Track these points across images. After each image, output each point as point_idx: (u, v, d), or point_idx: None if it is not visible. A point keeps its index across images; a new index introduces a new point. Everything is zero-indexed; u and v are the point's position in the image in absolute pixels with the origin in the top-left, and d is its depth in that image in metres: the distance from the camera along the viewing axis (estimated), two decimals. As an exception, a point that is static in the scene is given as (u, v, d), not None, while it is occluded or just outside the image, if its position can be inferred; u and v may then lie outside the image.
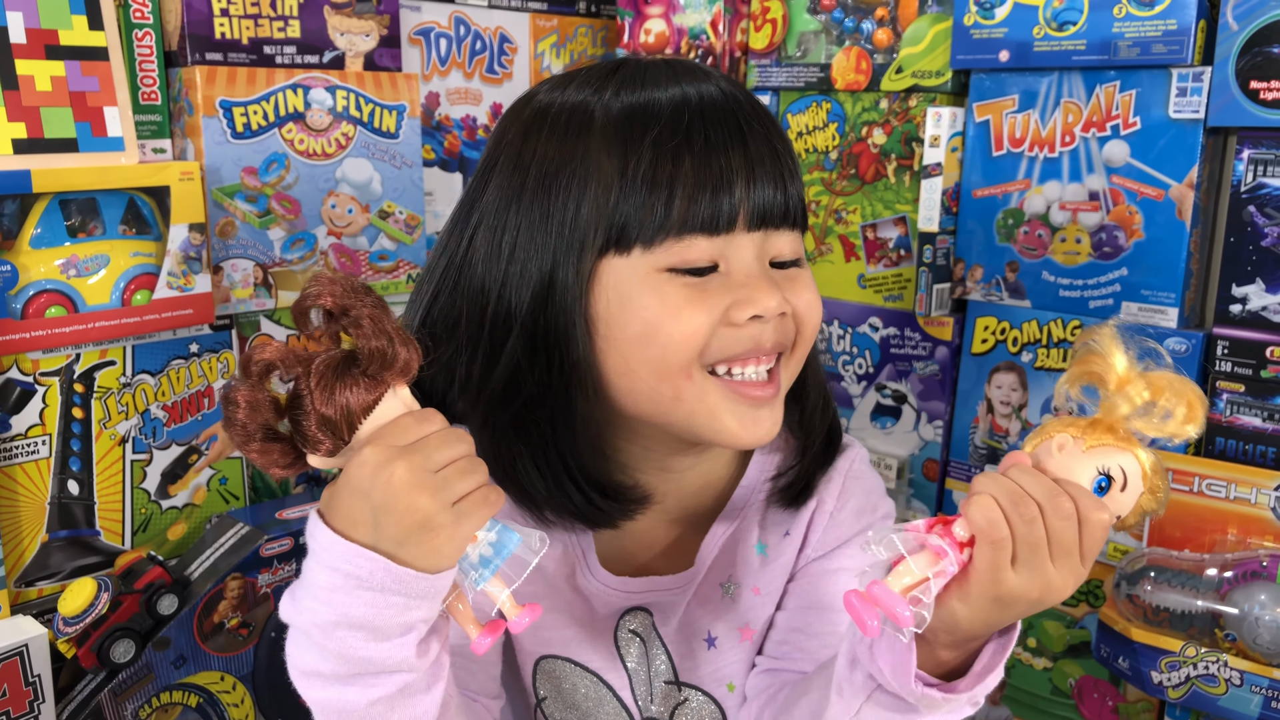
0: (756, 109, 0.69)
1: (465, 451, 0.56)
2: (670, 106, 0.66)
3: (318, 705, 0.58)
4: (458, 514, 0.54)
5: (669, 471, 0.76)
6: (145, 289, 1.07)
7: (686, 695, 0.79)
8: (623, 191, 0.65)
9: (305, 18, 1.18)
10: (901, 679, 0.59)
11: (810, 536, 0.79)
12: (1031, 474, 0.58)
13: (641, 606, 0.78)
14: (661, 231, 0.65)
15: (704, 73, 0.69)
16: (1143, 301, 1.11)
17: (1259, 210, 1.03)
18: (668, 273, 0.66)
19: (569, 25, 1.48)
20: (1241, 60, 1.01)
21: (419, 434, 0.55)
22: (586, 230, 0.66)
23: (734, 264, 0.67)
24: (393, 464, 0.53)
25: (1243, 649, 1.01)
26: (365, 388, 0.55)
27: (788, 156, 0.69)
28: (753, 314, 0.66)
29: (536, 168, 0.68)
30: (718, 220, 0.65)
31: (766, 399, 0.68)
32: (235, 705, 1.08)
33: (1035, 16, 1.13)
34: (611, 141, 0.66)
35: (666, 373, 0.66)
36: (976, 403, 1.24)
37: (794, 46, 1.35)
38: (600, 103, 0.67)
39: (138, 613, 1.00)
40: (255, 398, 0.55)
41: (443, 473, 0.54)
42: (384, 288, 1.28)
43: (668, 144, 0.65)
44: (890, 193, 1.29)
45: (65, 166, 1.01)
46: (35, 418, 1.02)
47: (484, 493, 0.55)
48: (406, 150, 1.27)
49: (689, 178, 0.65)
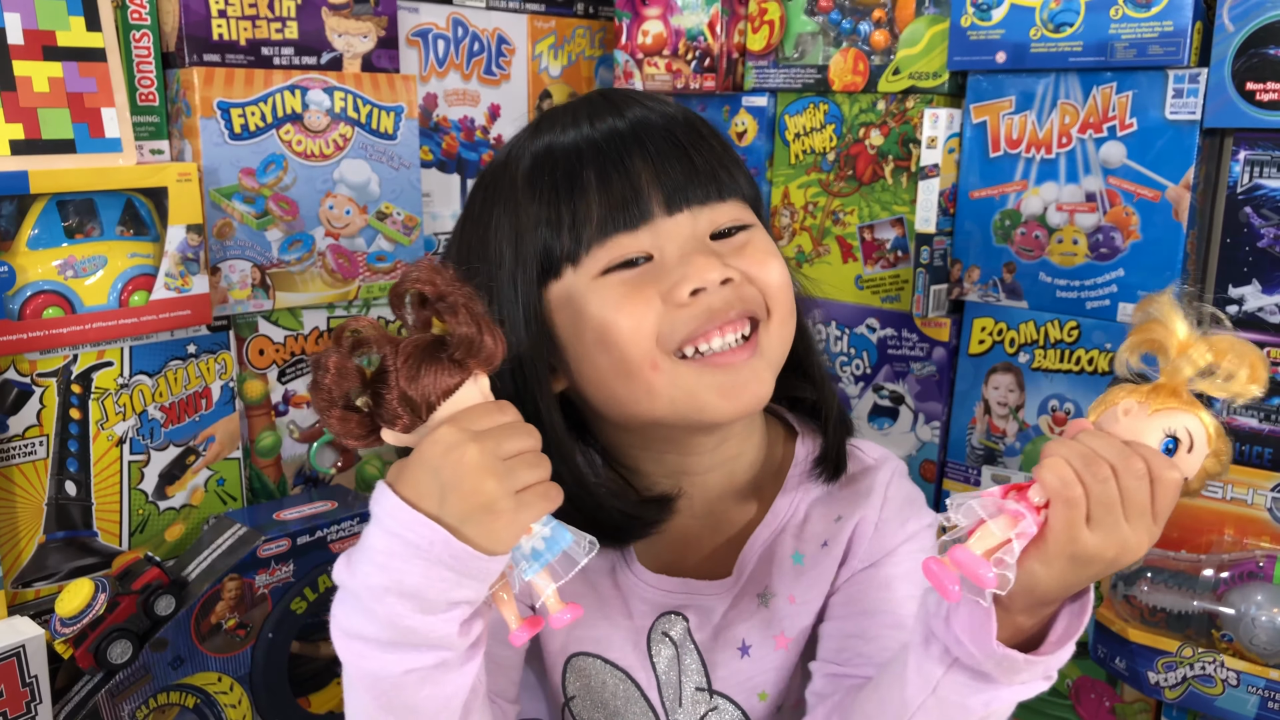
0: (670, 120, 0.72)
1: (533, 445, 0.57)
2: (568, 145, 0.70)
3: (354, 668, 0.59)
4: (519, 502, 0.55)
5: (690, 474, 0.77)
6: (143, 290, 1.07)
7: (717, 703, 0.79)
8: (537, 229, 0.69)
9: (303, 19, 1.18)
10: (982, 644, 0.59)
11: (854, 548, 0.79)
12: (1101, 436, 0.58)
13: (678, 611, 0.78)
14: (583, 244, 0.68)
15: (617, 105, 0.72)
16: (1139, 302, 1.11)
17: (1255, 211, 1.03)
18: (604, 275, 0.68)
19: (566, 27, 1.48)
20: (1238, 62, 1.02)
21: (493, 422, 0.57)
22: (514, 271, 0.70)
23: (667, 248, 0.68)
24: (465, 445, 0.55)
25: (1239, 649, 1.01)
26: (449, 372, 0.57)
27: (701, 145, 0.71)
28: (692, 288, 0.67)
29: (474, 233, 0.74)
30: (631, 215, 0.68)
31: (740, 361, 0.69)
32: (232, 706, 1.08)
33: (1032, 18, 1.13)
34: (522, 191, 0.70)
35: (630, 370, 0.68)
36: (974, 403, 1.25)
37: (791, 48, 1.35)
38: (514, 157, 0.73)
39: (135, 613, 1.00)
40: (344, 365, 0.57)
41: (510, 461, 0.56)
42: (381, 289, 1.28)
43: (565, 175, 0.69)
44: (887, 194, 1.29)
45: (63, 167, 1.01)
46: (33, 418, 1.02)
47: (545, 487, 0.57)
48: (404, 151, 1.27)
49: (591, 193, 0.68)
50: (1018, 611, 0.59)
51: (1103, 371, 1.14)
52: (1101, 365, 1.14)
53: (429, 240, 1.35)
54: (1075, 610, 0.60)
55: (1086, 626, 0.61)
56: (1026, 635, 0.61)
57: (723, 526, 0.79)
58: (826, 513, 0.80)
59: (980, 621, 0.58)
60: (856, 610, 0.77)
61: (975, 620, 0.59)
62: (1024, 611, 0.59)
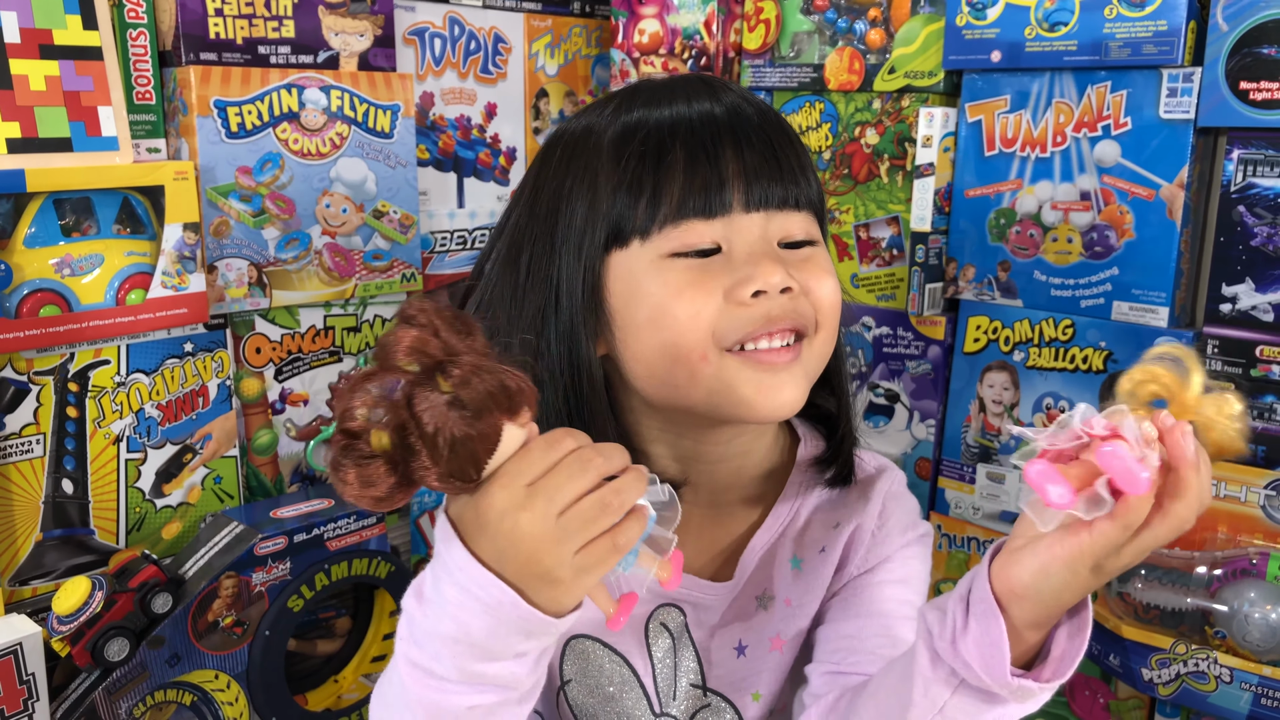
0: (764, 116, 0.72)
1: (590, 481, 0.53)
2: (662, 120, 0.70)
3: (415, 695, 0.57)
4: (578, 569, 0.53)
5: (700, 462, 0.77)
6: (139, 288, 1.07)
7: (710, 701, 0.80)
8: (615, 194, 0.69)
9: (299, 18, 1.18)
10: (996, 671, 0.58)
11: (851, 554, 0.79)
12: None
13: (676, 603, 0.78)
14: (657, 221, 0.68)
15: (715, 90, 0.72)
16: (1134, 301, 1.12)
17: (1249, 210, 1.03)
18: (671, 258, 0.68)
19: (563, 25, 1.48)
20: (1231, 61, 1.02)
21: (545, 464, 0.53)
22: (584, 233, 0.70)
23: (736, 244, 0.69)
24: (517, 512, 0.52)
25: (1232, 646, 1.01)
26: (481, 438, 0.51)
27: (789, 148, 0.71)
28: (755, 289, 0.67)
29: (548, 189, 0.73)
30: (710, 203, 0.68)
31: (784, 364, 0.69)
32: (229, 704, 1.08)
33: (1027, 17, 1.14)
34: (606, 156, 0.70)
35: (679, 356, 0.68)
36: (969, 402, 1.25)
37: (787, 47, 1.35)
38: (601, 124, 0.72)
39: (132, 611, 1.00)
40: (367, 473, 0.51)
41: (566, 518, 0.52)
42: (378, 287, 1.29)
43: (654, 149, 0.69)
44: (883, 193, 1.29)
45: (59, 166, 1.01)
46: (29, 417, 1.02)
47: (610, 540, 0.53)
48: (401, 150, 1.27)
49: (678, 171, 0.68)
50: (1027, 626, 0.58)
51: (1097, 370, 1.14)
52: (1096, 364, 1.14)
53: (425, 239, 1.36)
54: (1076, 625, 0.59)
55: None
56: (1031, 652, 0.60)
57: (726, 524, 0.80)
58: (825, 519, 0.80)
59: (992, 645, 0.57)
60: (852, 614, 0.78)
61: (987, 645, 0.58)
62: (1034, 626, 0.59)
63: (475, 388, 0.50)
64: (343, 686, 1.21)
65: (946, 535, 1.28)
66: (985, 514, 1.25)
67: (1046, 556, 0.56)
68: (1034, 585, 0.57)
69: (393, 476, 0.51)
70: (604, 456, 0.54)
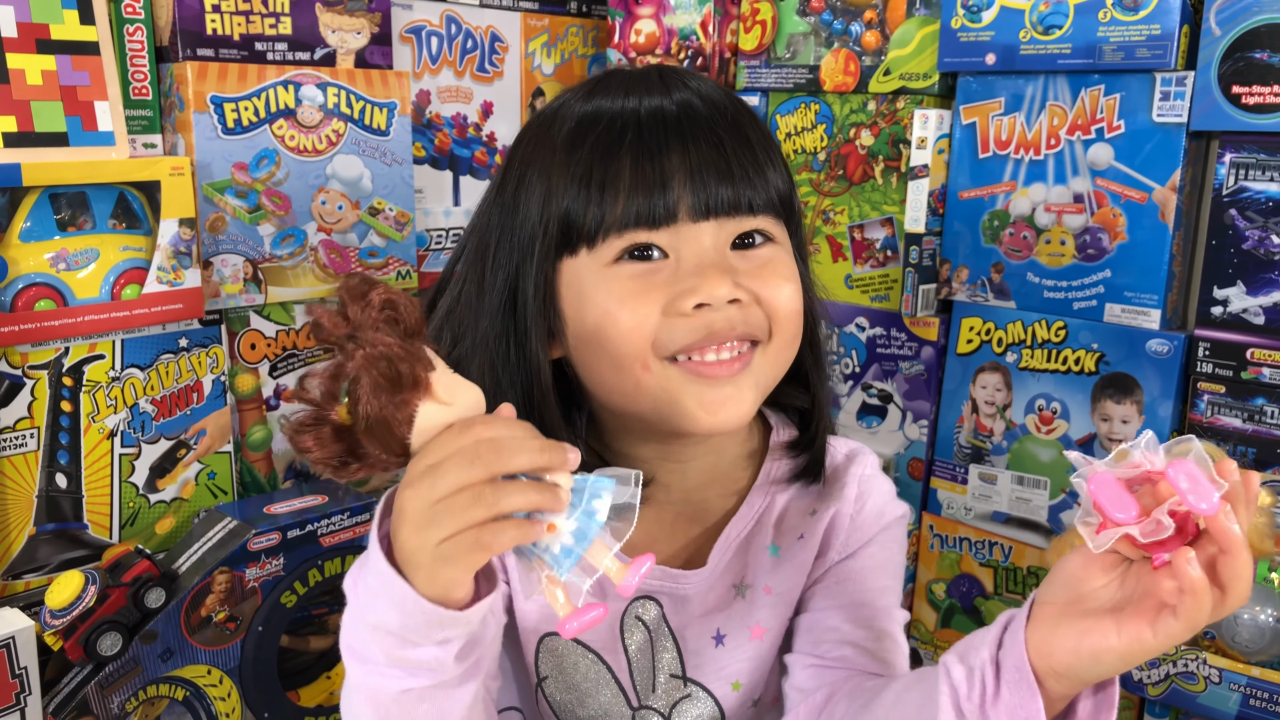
0: (717, 110, 0.69)
1: (480, 475, 0.51)
2: (614, 116, 0.68)
3: (354, 680, 0.58)
4: (439, 557, 0.51)
5: (671, 461, 0.77)
6: (135, 283, 1.07)
7: (690, 691, 0.80)
8: (565, 191, 0.67)
9: (296, 15, 1.18)
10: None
11: (831, 540, 0.79)
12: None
13: (651, 596, 0.78)
14: (602, 229, 0.67)
15: (669, 84, 0.70)
16: (1126, 303, 1.12)
17: (1240, 213, 1.04)
18: (616, 264, 0.67)
19: (560, 25, 1.48)
20: (1224, 65, 1.03)
21: (444, 452, 0.52)
22: (536, 231, 0.69)
23: (684, 253, 0.67)
24: (404, 491, 0.52)
25: (1221, 647, 1.02)
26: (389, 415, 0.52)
27: (744, 148, 0.69)
28: (697, 302, 0.66)
29: (513, 175, 0.72)
30: (655, 213, 0.66)
31: (729, 376, 0.68)
32: (222, 699, 1.09)
33: (1021, 20, 1.14)
34: (561, 149, 0.68)
35: (621, 364, 0.68)
36: (961, 402, 1.25)
37: (783, 48, 1.35)
38: (565, 112, 0.70)
39: (125, 606, 1.00)
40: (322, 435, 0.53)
41: (439, 505, 0.51)
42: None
43: (604, 149, 0.67)
44: (877, 194, 1.29)
45: (55, 160, 1.01)
46: (24, 410, 1.02)
47: (476, 535, 0.51)
48: (397, 147, 1.28)
49: (624, 177, 0.66)
50: (1059, 699, 0.56)
51: (1089, 371, 1.15)
52: (1088, 365, 1.15)
53: (421, 236, 1.36)
54: (1102, 701, 0.57)
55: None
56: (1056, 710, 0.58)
57: (700, 515, 0.80)
58: (801, 506, 0.80)
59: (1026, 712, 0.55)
60: (835, 603, 0.78)
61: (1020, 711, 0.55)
62: (1065, 697, 0.56)
63: (372, 373, 0.51)
64: (335, 683, 1.21)
65: (939, 535, 1.28)
66: (977, 514, 1.25)
67: (1100, 645, 0.53)
68: (1078, 668, 0.54)
69: (338, 443, 0.52)
70: (505, 453, 0.52)
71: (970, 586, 1.27)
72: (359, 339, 0.52)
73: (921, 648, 1.32)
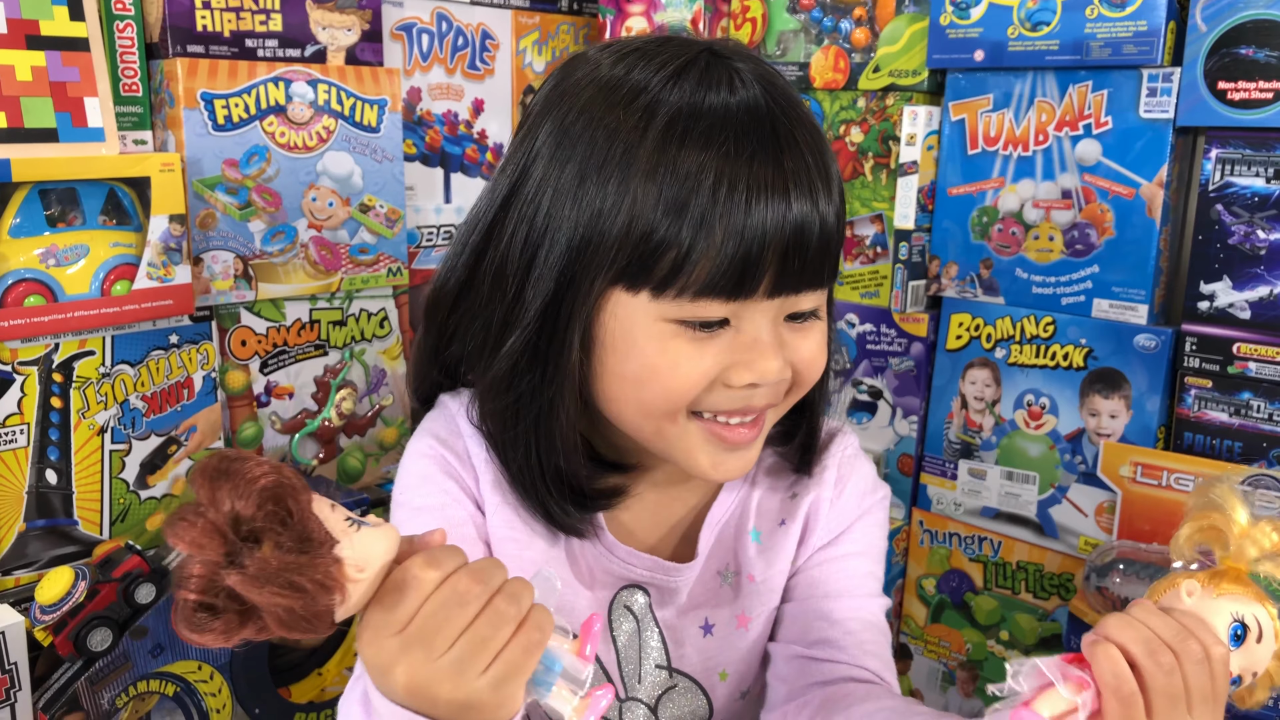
0: (818, 154, 0.65)
1: (475, 611, 0.50)
2: (713, 123, 0.62)
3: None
4: (496, 682, 0.50)
5: (650, 452, 0.77)
6: (125, 279, 1.07)
7: (677, 682, 0.80)
8: (651, 211, 0.61)
9: (287, 11, 1.18)
10: None
11: (812, 525, 0.80)
12: (1160, 615, 0.55)
13: (639, 584, 0.78)
14: (674, 289, 0.63)
15: (787, 143, 0.64)
16: (1113, 298, 1.13)
17: (1226, 209, 1.05)
18: (676, 324, 0.64)
19: (550, 22, 1.48)
20: (1210, 61, 1.03)
21: (411, 609, 0.49)
22: (605, 252, 0.63)
23: (745, 325, 0.65)
24: (393, 671, 0.50)
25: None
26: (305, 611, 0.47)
27: (834, 213, 0.65)
28: (751, 381, 0.65)
29: (578, 149, 0.65)
30: (741, 287, 0.63)
31: (745, 442, 0.69)
32: (212, 695, 1.09)
33: (1010, 17, 1.15)
34: (654, 147, 0.62)
35: (651, 414, 0.67)
36: (951, 398, 1.26)
37: (773, 45, 1.36)
38: (650, 108, 0.63)
39: (115, 601, 1.00)
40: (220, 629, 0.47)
41: (455, 652, 0.49)
42: (364, 281, 1.29)
43: (702, 170, 0.61)
44: (867, 190, 1.30)
45: (45, 156, 1.01)
46: (13, 406, 1.02)
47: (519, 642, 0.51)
48: (388, 144, 1.28)
49: (716, 236, 0.61)
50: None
51: (1077, 366, 1.15)
52: (1076, 360, 1.15)
53: (412, 233, 1.36)
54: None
55: (1062, 631, 0.60)
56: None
57: (681, 499, 0.80)
58: (781, 487, 0.80)
59: None
60: (819, 593, 0.78)
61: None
62: None
63: (276, 612, 0.46)
64: (326, 679, 1.21)
65: (929, 531, 1.29)
66: (967, 510, 1.26)
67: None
68: None
69: (246, 626, 0.47)
70: (482, 583, 0.50)
71: (960, 582, 1.27)
72: (244, 567, 0.45)
73: (911, 643, 1.33)
